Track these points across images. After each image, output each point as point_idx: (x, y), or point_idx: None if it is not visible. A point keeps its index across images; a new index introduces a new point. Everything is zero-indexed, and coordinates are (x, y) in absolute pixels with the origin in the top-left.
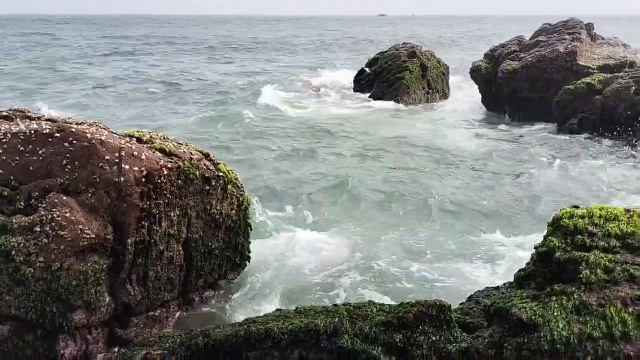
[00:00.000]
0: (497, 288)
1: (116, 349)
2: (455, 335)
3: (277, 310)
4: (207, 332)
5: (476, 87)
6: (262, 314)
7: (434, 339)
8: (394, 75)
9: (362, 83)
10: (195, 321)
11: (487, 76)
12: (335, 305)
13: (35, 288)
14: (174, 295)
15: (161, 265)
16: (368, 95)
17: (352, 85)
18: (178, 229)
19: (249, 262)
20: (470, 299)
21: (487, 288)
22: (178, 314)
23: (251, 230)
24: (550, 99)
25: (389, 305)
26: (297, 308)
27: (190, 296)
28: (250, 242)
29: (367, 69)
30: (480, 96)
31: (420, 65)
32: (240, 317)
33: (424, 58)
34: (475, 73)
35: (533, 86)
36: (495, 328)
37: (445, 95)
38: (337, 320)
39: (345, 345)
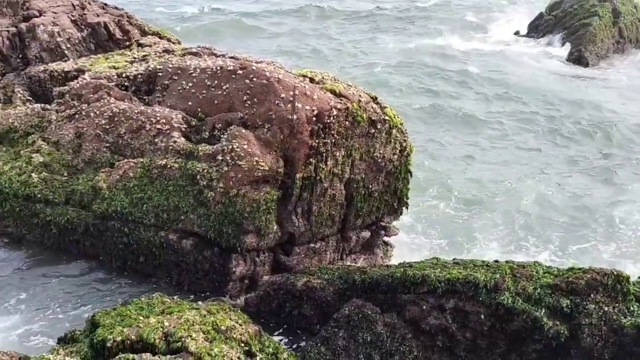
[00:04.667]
0: None
1: (280, 274)
2: (632, 308)
3: (434, 257)
4: (364, 269)
5: None
6: (417, 260)
7: (606, 309)
8: (578, 21)
9: (540, 28)
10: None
11: None
12: (497, 261)
13: (215, 210)
14: (333, 231)
15: (324, 202)
16: (541, 41)
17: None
18: (342, 168)
19: (407, 207)
20: None
21: None
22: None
23: (411, 176)
24: None
25: (557, 267)
26: (454, 258)
27: (347, 234)
28: (409, 189)
29: (546, 13)
30: None
31: (611, 10)
32: (394, 260)
33: (618, 1)
34: None
35: None
36: None
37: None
38: (498, 276)
39: (505, 302)
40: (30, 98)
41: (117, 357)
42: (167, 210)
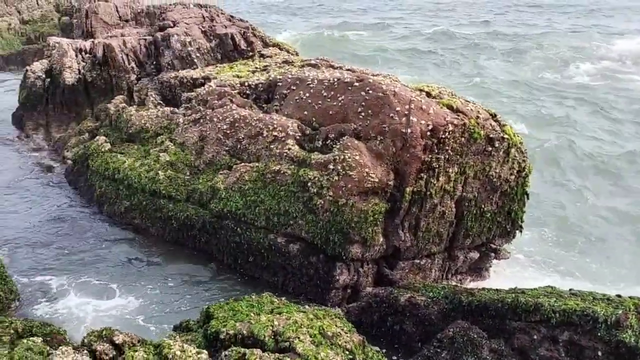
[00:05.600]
0: None
1: (382, 287)
2: None
3: (548, 286)
4: (472, 291)
5: None
6: (529, 287)
7: None
8: None
9: None
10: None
11: None
12: (619, 295)
13: (323, 217)
14: (440, 249)
15: (432, 218)
16: None
17: None
18: (454, 185)
19: (520, 231)
20: None
21: None
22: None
23: (528, 199)
24: None
25: None
26: (570, 289)
27: (455, 253)
28: (524, 212)
29: None
30: None
31: None
32: (504, 284)
33: None
34: None
35: None
36: None
37: None
38: (620, 312)
39: (627, 341)
40: (161, 102)
41: (229, 349)
42: (277, 214)
